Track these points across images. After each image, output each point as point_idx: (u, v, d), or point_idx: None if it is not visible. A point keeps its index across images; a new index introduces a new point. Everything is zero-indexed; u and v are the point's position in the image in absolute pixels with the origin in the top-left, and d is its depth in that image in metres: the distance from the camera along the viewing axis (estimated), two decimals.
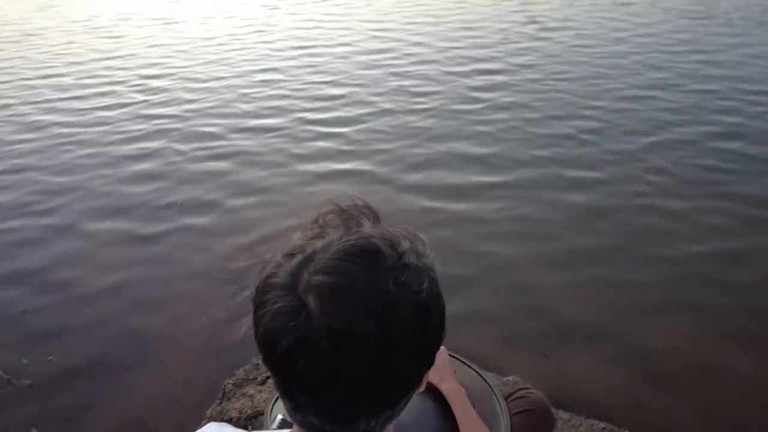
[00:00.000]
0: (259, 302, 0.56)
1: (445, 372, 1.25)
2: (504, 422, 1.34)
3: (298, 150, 4.16)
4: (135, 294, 2.64)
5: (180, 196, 3.45)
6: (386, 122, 4.50)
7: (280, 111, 4.96)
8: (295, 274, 0.55)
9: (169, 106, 5.27)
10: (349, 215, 0.63)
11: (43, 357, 2.28)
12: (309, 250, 0.57)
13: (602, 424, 1.79)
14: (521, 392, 1.43)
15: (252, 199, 3.47)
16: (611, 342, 2.18)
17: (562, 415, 1.83)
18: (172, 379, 2.19)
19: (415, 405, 1.31)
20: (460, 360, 1.58)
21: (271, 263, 0.58)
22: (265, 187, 3.63)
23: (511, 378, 1.97)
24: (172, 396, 2.11)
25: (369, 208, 0.68)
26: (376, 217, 0.67)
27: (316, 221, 0.63)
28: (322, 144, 4.23)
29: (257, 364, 2.06)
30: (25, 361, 2.24)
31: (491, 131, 4.19)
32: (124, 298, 2.62)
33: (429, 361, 0.63)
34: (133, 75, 6.30)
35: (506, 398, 1.43)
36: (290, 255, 0.57)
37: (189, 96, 5.49)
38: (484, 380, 1.50)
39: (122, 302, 2.59)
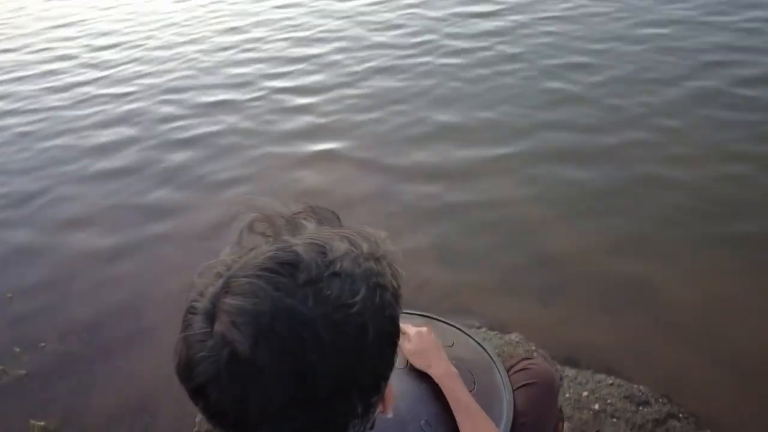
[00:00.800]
0: (181, 329, 0.53)
1: (432, 355, 1.17)
2: (506, 398, 1.27)
3: (272, 126, 3.68)
4: (126, 273, 2.56)
5: (162, 164, 3.32)
6: (369, 87, 4.02)
7: (247, 80, 4.44)
8: (214, 298, 0.50)
9: (127, 82, 4.84)
10: (284, 222, 0.57)
11: (36, 344, 2.23)
12: (233, 268, 0.52)
13: (610, 379, 1.74)
14: (524, 363, 1.35)
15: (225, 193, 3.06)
16: (617, 291, 2.09)
17: (568, 372, 1.78)
18: (171, 360, 2.13)
19: (410, 390, 1.24)
20: (458, 329, 1.50)
21: (197, 285, 0.53)
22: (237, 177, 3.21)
23: (514, 336, 1.91)
24: (172, 377, 2.06)
25: (315, 209, 0.61)
26: (328, 218, 0.61)
27: (242, 233, 0.56)
28: (297, 118, 3.73)
29: None
30: (17, 349, 2.20)
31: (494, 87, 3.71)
32: (116, 277, 2.54)
33: (372, 389, 0.55)
34: (82, 47, 5.90)
35: (508, 370, 1.36)
36: (218, 275, 0.52)
37: (145, 69, 5.06)
38: (485, 351, 1.43)
39: (114, 282, 2.52)
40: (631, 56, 3.72)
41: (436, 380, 1.14)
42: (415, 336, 1.20)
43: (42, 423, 1.93)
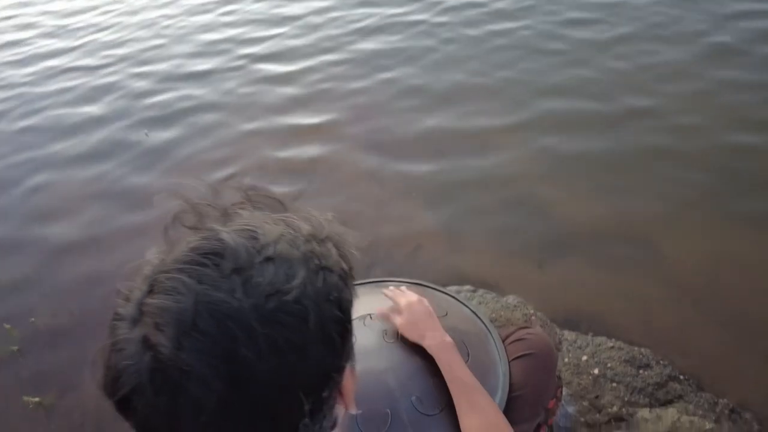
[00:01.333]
0: (106, 338, 0.48)
1: (424, 325, 1.12)
2: (502, 369, 1.22)
3: (254, 99, 3.40)
4: (113, 244, 2.51)
5: (147, 130, 3.21)
6: (357, 51, 3.71)
7: (223, 48, 4.12)
8: (139, 301, 0.46)
9: (96, 53, 4.48)
10: (215, 212, 0.52)
11: (26, 318, 2.20)
12: (158, 267, 0.48)
13: (610, 342, 1.69)
14: (521, 333, 1.30)
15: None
16: (619, 252, 2.03)
17: (567, 335, 1.74)
18: None
19: (400, 365, 1.19)
20: (451, 296, 1.45)
21: (123, 290, 0.49)
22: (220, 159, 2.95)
23: (511, 299, 1.86)
24: None
25: (253, 197, 0.56)
26: (269, 205, 0.55)
27: (168, 228, 0.51)
28: (281, 89, 3.42)
29: None
30: (7, 326, 2.16)
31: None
32: (104, 249, 2.49)
33: (322, 384, 0.50)
34: (42, 14, 5.50)
35: (504, 340, 1.31)
36: (145, 277, 0.48)
37: (115, 38, 4.72)
38: (480, 320, 1.37)
39: (102, 252, 2.46)
40: (639, 11, 3.48)
41: (430, 352, 1.09)
42: (405, 307, 1.16)
43: (36, 399, 1.91)
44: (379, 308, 1.22)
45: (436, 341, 1.10)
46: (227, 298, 0.44)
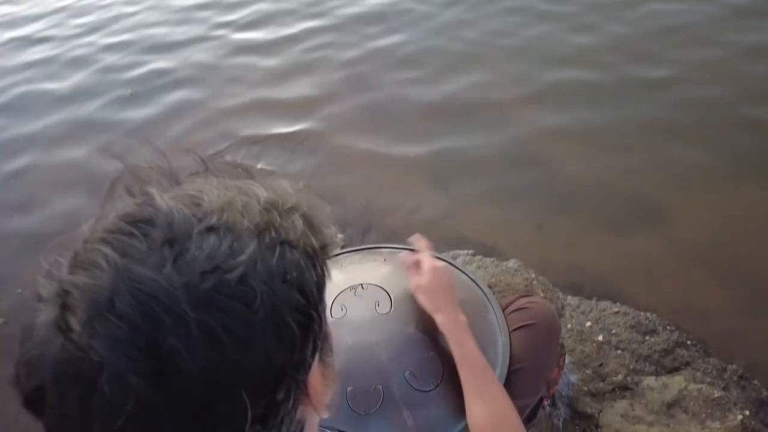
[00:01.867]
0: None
1: (443, 299, 1.02)
2: (502, 341, 1.15)
3: (235, 74, 3.11)
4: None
5: (129, 90, 3.07)
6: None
7: (196, 17, 3.81)
8: (59, 278, 0.38)
9: (55, 21, 4.06)
10: (161, 177, 0.43)
11: (12, 290, 2.13)
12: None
13: (615, 307, 1.63)
14: (522, 301, 1.22)
15: None
16: (624, 212, 1.94)
17: (570, 300, 1.67)
18: None
19: (394, 337, 1.11)
20: (449, 263, 1.37)
21: (47, 267, 0.40)
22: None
23: (512, 263, 1.78)
24: None
25: (212, 162, 0.47)
26: (228, 172, 0.47)
27: (106, 195, 0.43)
28: (261, 62, 3.11)
29: None
30: None
31: None
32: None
33: (273, 384, 0.40)
34: None
35: (504, 309, 1.24)
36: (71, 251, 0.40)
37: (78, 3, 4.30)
38: (479, 287, 1.30)
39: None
40: None
41: (441, 329, 1.00)
42: (429, 270, 1.05)
43: None
44: (402, 255, 1.14)
45: (450, 317, 1.01)
46: (154, 274, 0.36)
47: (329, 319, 1.14)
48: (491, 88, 2.61)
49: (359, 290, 1.18)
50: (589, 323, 1.57)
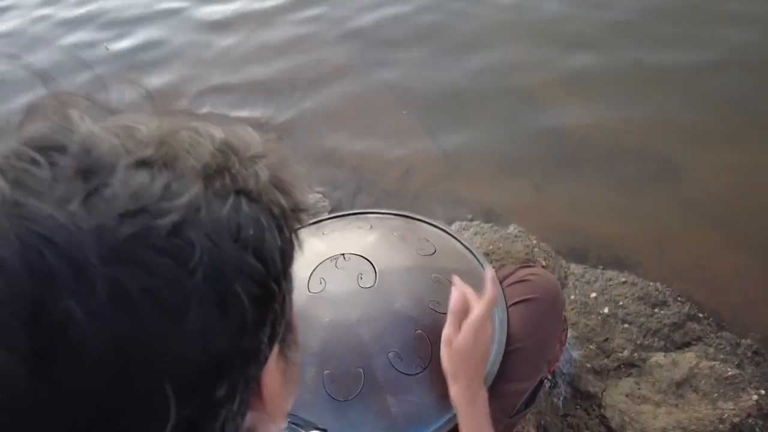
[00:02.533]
0: None
1: (469, 368, 0.84)
2: (498, 316, 1.04)
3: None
4: None
5: (106, 44, 2.86)
6: None
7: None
8: None
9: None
10: (88, 104, 0.32)
11: None
12: None
13: (622, 277, 1.51)
14: (522, 272, 1.10)
15: None
16: (633, 172, 1.80)
17: (573, 269, 1.55)
18: None
19: (377, 314, 0.99)
20: (442, 229, 1.24)
21: None
22: None
23: (512, 229, 1.65)
24: None
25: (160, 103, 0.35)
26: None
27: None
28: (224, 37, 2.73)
29: None
30: None
31: None
32: None
33: (211, 380, 0.29)
34: None
35: (503, 281, 1.12)
36: None
37: None
38: (474, 256, 1.18)
39: None
40: None
41: (453, 401, 0.83)
42: (471, 331, 0.84)
43: None
44: (455, 298, 0.88)
45: (468, 393, 0.82)
46: (53, 211, 0.25)
47: (306, 293, 1.02)
48: (487, 29, 2.42)
49: (341, 261, 1.06)
50: (594, 294, 1.46)
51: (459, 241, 1.20)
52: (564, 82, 2.14)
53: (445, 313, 0.91)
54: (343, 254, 1.07)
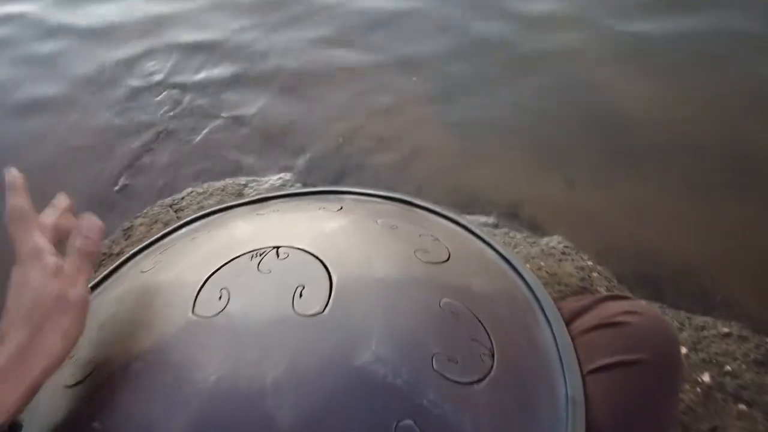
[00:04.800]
0: None
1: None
2: (569, 394, 0.53)
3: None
4: None
5: None
6: None
7: None
8: None
9: None
10: None
11: None
12: None
13: (722, 325, 0.99)
14: (610, 309, 0.60)
15: None
16: (721, 170, 1.31)
17: None
18: None
19: (316, 378, 0.50)
20: (457, 222, 0.74)
21: None
22: None
23: (554, 241, 1.14)
24: None
25: None
26: None
27: None
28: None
29: (127, 230, 1.26)
30: None
31: None
32: None
33: None
34: None
35: (570, 322, 0.61)
36: None
37: None
38: (518, 273, 0.67)
39: None
40: None
41: None
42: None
43: None
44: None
45: None
46: None
47: (185, 317, 0.51)
48: None
49: (269, 259, 0.55)
50: (684, 350, 0.94)
51: (489, 245, 0.69)
52: (617, 55, 1.66)
53: (464, 383, 0.41)
54: (276, 247, 0.57)
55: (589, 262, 1.09)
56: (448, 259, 0.61)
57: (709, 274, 1.12)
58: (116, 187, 1.45)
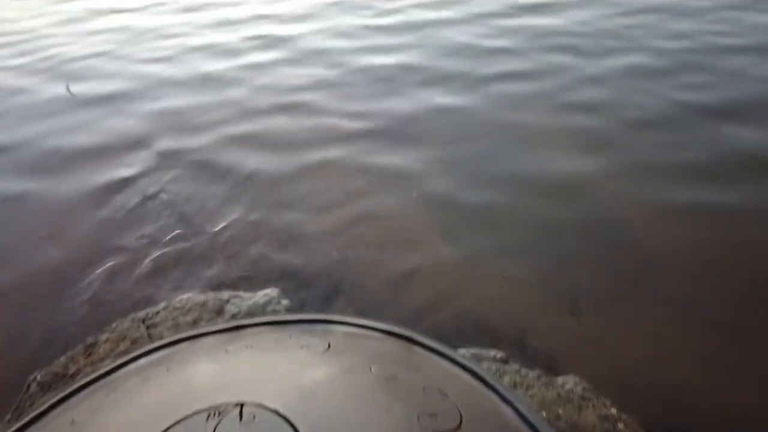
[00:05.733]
0: None
1: None
2: None
3: None
4: None
5: (69, 85, 2.44)
6: None
7: None
8: None
9: None
10: None
11: None
12: None
13: None
14: None
15: None
16: (747, 301, 1.20)
17: None
18: None
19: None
20: (469, 369, 0.62)
21: None
22: None
23: (569, 382, 1.01)
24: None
25: None
26: None
27: None
28: None
29: (90, 346, 1.12)
30: None
31: None
32: None
33: None
34: None
35: None
36: None
37: None
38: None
39: None
40: None
41: None
42: None
43: None
44: None
45: None
46: None
47: None
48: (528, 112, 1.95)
49: (229, 422, 0.43)
50: None
51: (509, 403, 0.57)
52: (626, 179, 1.61)
53: None
54: (240, 404, 0.44)
55: (613, 410, 0.94)
56: (459, 425, 0.48)
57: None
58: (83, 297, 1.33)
